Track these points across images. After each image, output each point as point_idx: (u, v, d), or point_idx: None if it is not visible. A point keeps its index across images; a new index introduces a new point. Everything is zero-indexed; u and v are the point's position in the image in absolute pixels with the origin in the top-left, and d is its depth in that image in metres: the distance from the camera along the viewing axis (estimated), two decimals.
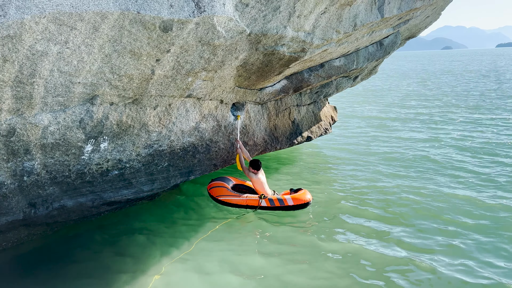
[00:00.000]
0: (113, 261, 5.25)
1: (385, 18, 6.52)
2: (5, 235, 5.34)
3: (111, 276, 4.89)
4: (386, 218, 6.34)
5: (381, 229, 5.98)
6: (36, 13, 3.29)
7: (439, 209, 6.62)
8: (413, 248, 5.41)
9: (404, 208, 6.75)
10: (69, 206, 5.41)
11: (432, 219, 6.28)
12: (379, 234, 5.80)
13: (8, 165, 4.47)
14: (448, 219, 6.24)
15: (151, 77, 4.72)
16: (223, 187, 6.82)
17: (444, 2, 8.23)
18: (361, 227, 6.06)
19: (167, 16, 3.88)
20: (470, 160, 9.58)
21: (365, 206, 6.87)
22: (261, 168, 6.92)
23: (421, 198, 7.13)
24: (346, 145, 11.87)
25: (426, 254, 5.22)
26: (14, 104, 3.97)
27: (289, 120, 9.12)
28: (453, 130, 13.38)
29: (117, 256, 5.37)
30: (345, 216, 6.46)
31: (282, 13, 4.99)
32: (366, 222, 6.23)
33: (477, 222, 6.15)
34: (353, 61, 8.05)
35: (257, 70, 6.06)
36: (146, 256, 5.32)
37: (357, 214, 6.52)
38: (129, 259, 5.26)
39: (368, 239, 5.67)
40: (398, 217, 6.40)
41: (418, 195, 7.28)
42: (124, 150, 5.51)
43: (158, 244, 5.66)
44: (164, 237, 5.88)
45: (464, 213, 6.46)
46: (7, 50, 3.40)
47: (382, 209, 6.72)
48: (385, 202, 7.01)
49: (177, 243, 5.67)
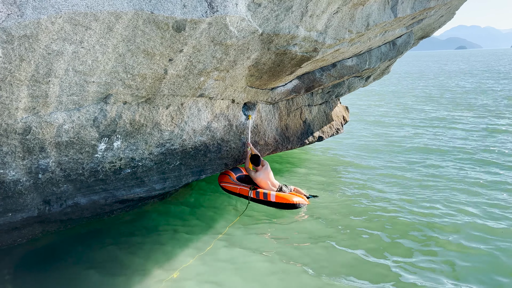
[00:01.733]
0: (124, 259, 5.30)
1: (398, 17, 6.46)
2: (20, 231, 5.44)
3: (122, 273, 4.94)
4: (397, 224, 6.29)
5: (391, 233, 5.94)
6: (52, 13, 3.34)
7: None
8: (423, 252, 5.37)
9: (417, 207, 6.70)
10: (82, 203, 5.48)
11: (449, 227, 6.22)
12: (386, 239, 5.77)
13: (23, 163, 4.55)
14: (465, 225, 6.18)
15: (164, 76, 4.75)
16: (227, 175, 7.45)
17: (459, 2, 8.12)
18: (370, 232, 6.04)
19: (180, 16, 3.91)
20: (480, 175, 9.43)
21: (376, 209, 6.83)
22: (266, 165, 7.03)
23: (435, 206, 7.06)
24: (359, 145, 11.81)
25: (444, 265, 5.16)
26: (30, 102, 4.04)
27: (301, 120, 9.10)
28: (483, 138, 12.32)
29: (128, 254, 5.42)
30: (360, 221, 6.42)
31: (294, 13, 4.98)
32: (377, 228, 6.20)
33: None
34: (365, 61, 8.00)
35: (269, 69, 6.07)
36: (158, 256, 5.36)
37: (370, 220, 6.49)
38: (140, 259, 5.30)
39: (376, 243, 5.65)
40: (409, 222, 6.35)
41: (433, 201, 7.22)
42: (137, 149, 5.57)
43: (169, 244, 5.69)
44: (176, 237, 5.90)
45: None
46: (23, 49, 3.47)
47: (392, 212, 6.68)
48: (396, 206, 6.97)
49: (188, 244, 5.69)
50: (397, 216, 6.44)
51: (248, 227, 6.18)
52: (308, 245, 5.57)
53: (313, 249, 5.44)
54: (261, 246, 5.59)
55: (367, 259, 5.14)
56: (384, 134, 13.28)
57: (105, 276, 4.93)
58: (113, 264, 5.21)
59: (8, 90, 3.74)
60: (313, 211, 6.64)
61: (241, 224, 6.29)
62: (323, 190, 7.71)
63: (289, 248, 5.50)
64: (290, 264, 5.09)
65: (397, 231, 5.91)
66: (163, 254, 5.40)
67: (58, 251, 5.59)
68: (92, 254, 5.46)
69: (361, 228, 6.03)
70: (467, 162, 9.56)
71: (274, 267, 5.03)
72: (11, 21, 3.23)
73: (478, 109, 17.77)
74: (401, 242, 5.59)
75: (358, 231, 5.92)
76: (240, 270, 5.00)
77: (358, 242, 5.60)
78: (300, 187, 7.56)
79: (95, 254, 5.48)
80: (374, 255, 5.26)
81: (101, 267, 5.13)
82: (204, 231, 6.07)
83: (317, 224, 6.21)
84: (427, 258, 5.16)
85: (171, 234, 5.97)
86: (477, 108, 18.13)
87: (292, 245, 5.58)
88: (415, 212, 6.57)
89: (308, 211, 6.63)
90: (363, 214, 6.52)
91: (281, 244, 5.61)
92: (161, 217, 6.63)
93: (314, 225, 6.18)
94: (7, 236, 5.41)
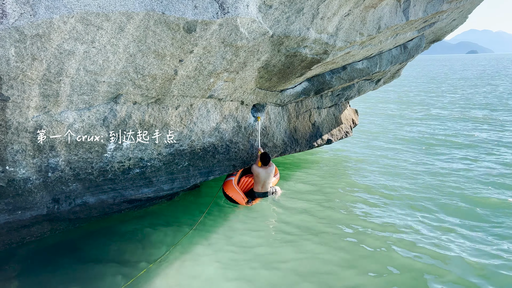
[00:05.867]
0: (132, 258, 5.32)
1: (410, 21, 6.40)
2: (29, 229, 5.47)
3: (130, 273, 4.95)
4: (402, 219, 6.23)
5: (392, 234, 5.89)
6: (64, 13, 3.36)
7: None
8: (437, 246, 5.30)
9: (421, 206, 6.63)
10: (91, 202, 5.50)
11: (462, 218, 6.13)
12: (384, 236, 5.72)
13: (34, 161, 4.58)
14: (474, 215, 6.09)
15: (174, 77, 4.76)
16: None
17: (472, 5, 8.04)
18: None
19: (191, 17, 3.91)
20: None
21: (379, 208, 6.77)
22: (271, 167, 7.13)
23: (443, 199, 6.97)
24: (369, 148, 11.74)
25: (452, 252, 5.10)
26: (41, 101, 4.06)
27: (310, 123, 9.06)
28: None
29: (137, 253, 5.44)
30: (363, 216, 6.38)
31: (305, 15, 4.96)
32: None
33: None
34: (376, 64, 7.94)
35: (279, 71, 6.05)
36: (164, 256, 5.37)
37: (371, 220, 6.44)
38: (149, 257, 5.33)
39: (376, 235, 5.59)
40: (414, 222, 6.28)
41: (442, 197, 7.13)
42: (146, 149, 5.58)
43: (177, 245, 5.70)
44: (184, 238, 5.92)
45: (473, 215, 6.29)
46: (36, 48, 3.49)
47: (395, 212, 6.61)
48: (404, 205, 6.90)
49: (196, 244, 5.71)
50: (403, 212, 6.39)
51: (255, 227, 6.17)
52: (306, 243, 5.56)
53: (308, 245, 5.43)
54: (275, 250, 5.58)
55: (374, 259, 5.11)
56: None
57: (114, 274, 4.94)
58: (121, 263, 5.22)
59: (20, 89, 3.77)
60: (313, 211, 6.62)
61: (248, 224, 6.28)
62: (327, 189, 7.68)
63: (292, 245, 5.49)
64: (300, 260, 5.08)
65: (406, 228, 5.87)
66: (174, 253, 5.41)
67: (66, 249, 5.62)
68: (100, 253, 5.49)
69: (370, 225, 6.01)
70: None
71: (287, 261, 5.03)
72: (24, 20, 3.25)
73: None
74: (413, 241, 5.54)
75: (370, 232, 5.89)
76: (248, 271, 5.00)
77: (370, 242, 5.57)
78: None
79: (103, 252, 5.50)
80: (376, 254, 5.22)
81: (110, 266, 5.15)
82: (209, 232, 6.07)
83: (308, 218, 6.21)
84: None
85: (178, 235, 5.97)
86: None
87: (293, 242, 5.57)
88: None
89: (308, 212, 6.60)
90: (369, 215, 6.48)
91: (287, 243, 5.59)
92: (168, 217, 6.65)
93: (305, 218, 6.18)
94: (16, 234, 5.45)
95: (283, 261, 5.18)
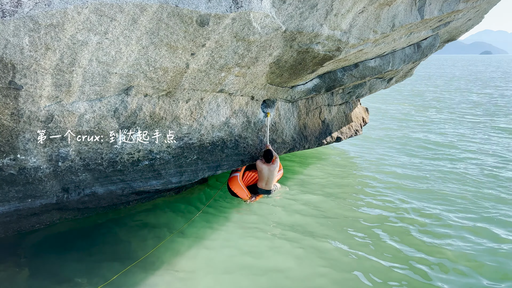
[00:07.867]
0: (139, 249, 5.36)
1: (425, 19, 6.31)
2: (38, 217, 5.55)
3: (136, 265, 4.99)
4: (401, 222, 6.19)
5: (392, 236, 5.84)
6: (79, 3, 3.37)
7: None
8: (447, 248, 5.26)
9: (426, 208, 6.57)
10: (99, 193, 5.55)
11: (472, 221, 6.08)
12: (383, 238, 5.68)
13: (44, 150, 4.63)
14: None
15: (185, 70, 4.76)
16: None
17: (488, 5, 7.90)
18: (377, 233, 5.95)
19: (205, 11, 3.89)
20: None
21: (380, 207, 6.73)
22: (276, 164, 7.09)
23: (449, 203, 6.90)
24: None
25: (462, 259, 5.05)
26: (54, 91, 4.09)
27: (319, 120, 9.01)
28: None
29: (143, 244, 5.48)
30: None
31: (319, 11, 4.91)
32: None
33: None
34: (388, 62, 7.85)
35: (290, 67, 6.01)
36: (174, 247, 5.41)
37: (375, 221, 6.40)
38: (154, 249, 5.36)
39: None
40: (418, 223, 6.23)
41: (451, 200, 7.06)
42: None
43: (185, 238, 5.74)
44: (190, 232, 5.95)
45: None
46: (49, 38, 3.51)
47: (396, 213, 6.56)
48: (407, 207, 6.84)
49: (203, 238, 5.74)
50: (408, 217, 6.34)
51: (259, 226, 6.17)
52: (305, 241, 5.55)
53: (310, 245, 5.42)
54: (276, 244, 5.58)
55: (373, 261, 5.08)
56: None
57: (119, 264, 4.99)
58: (127, 253, 5.27)
59: (32, 78, 3.79)
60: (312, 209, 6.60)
61: (254, 224, 6.28)
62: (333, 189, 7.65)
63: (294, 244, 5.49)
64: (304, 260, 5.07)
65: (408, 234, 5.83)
66: (180, 245, 5.47)
67: (74, 237, 5.69)
68: (108, 242, 5.54)
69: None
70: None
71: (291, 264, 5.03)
72: (38, 9, 3.27)
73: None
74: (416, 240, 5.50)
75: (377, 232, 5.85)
76: (252, 266, 5.01)
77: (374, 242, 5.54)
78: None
79: (111, 242, 5.56)
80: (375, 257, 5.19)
81: (116, 256, 5.20)
82: (216, 227, 6.10)
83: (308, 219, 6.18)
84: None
85: (185, 229, 6.00)
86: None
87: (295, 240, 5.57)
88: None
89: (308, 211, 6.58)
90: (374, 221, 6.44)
91: (289, 241, 5.59)
92: (176, 210, 6.69)
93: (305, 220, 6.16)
94: (26, 221, 5.53)
95: (283, 263, 5.15)
